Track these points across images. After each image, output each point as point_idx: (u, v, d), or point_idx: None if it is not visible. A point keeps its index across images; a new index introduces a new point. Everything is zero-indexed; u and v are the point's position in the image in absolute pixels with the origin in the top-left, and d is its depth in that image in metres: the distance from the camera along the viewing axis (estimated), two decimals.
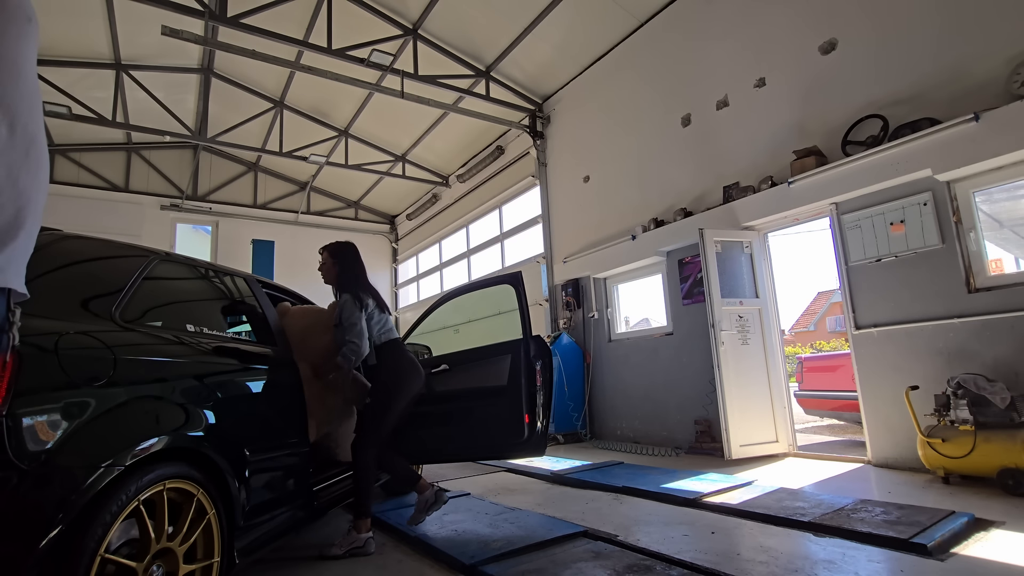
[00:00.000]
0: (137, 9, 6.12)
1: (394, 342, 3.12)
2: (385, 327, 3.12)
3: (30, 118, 0.88)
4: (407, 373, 3.08)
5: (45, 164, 0.92)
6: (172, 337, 2.06)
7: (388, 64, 6.98)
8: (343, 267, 3.16)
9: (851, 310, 4.48)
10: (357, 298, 2.99)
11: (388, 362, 3.06)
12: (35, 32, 0.90)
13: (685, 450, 5.59)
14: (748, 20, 5.46)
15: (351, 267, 3.18)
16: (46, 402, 1.42)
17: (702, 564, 2.37)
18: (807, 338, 31.22)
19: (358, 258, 3.23)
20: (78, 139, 10.14)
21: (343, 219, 13.05)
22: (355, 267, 3.19)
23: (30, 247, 0.90)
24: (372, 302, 3.07)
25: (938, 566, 2.28)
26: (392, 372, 3.04)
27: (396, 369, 3.05)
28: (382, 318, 3.12)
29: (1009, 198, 4.09)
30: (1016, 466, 3.18)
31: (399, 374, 3.05)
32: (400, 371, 3.06)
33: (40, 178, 0.90)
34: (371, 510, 2.88)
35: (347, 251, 3.22)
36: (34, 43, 0.90)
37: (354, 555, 2.73)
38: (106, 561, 1.48)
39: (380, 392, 2.98)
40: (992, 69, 3.80)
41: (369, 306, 3.04)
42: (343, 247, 3.24)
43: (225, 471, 1.96)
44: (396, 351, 3.10)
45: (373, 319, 3.07)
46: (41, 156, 0.90)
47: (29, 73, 0.88)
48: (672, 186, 6.22)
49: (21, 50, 0.86)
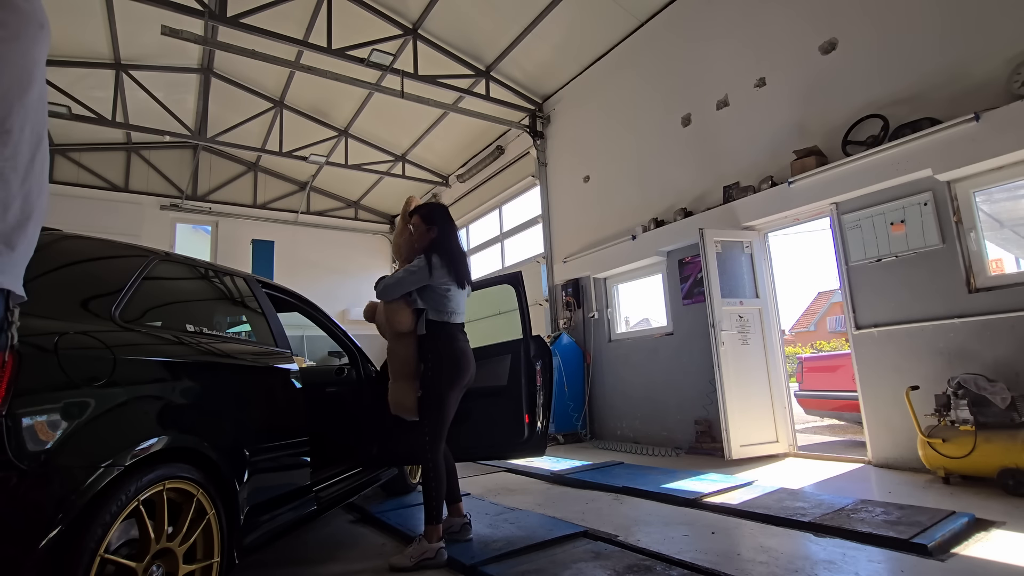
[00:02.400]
0: (137, 9, 6.11)
1: (454, 325, 2.82)
2: (449, 305, 2.79)
3: (37, 123, 0.88)
4: (459, 360, 2.77)
5: (48, 167, 0.94)
6: (172, 337, 2.05)
7: (388, 64, 6.98)
8: (442, 235, 2.85)
9: (851, 310, 4.48)
10: (428, 260, 2.73)
11: (439, 344, 2.76)
12: (47, 38, 0.91)
13: (685, 450, 5.59)
14: (748, 20, 5.46)
15: (448, 234, 2.88)
16: (46, 402, 1.42)
17: (702, 564, 2.37)
18: (807, 338, 31.21)
19: (452, 222, 2.95)
20: (78, 139, 10.13)
21: (343, 219, 13.05)
22: (451, 233, 2.90)
23: (31, 250, 0.91)
24: (445, 270, 2.75)
25: (938, 566, 2.28)
26: (443, 357, 2.75)
27: (448, 354, 2.75)
28: (453, 292, 2.79)
29: (1009, 198, 4.09)
30: (1016, 466, 3.18)
31: (450, 359, 2.75)
32: (451, 356, 2.75)
33: (43, 181, 0.91)
34: (441, 516, 2.67)
35: (444, 216, 2.93)
36: (45, 48, 0.91)
37: (424, 567, 2.51)
38: (106, 561, 1.48)
39: (431, 382, 2.73)
40: (992, 69, 3.79)
41: (437, 271, 2.72)
42: (440, 212, 2.94)
43: (225, 471, 1.96)
44: (451, 334, 2.79)
45: (438, 288, 2.76)
46: (45, 160, 0.92)
47: (39, 78, 0.89)
48: (672, 186, 6.22)
49: (34, 56, 0.87)
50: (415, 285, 2.74)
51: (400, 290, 2.74)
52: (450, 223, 2.92)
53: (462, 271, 2.84)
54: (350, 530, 3.31)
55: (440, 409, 2.71)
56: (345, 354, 3.66)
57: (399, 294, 2.76)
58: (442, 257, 2.76)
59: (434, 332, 2.77)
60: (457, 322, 2.83)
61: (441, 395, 2.70)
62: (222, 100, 9.52)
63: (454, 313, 2.81)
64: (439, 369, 2.72)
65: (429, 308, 2.77)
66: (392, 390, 2.87)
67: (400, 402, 2.84)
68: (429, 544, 2.56)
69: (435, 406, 2.71)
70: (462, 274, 2.83)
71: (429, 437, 2.68)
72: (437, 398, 2.70)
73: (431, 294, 2.77)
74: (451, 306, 2.79)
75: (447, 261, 2.77)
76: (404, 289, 2.74)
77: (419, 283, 2.73)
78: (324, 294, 11.34)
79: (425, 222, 2.87)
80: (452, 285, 2.78)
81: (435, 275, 2.72)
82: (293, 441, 2.57)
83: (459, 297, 2.85)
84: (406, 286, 2.74)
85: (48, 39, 0.92)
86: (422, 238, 2.86)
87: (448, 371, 2.73)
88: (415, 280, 2.73)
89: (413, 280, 2.73)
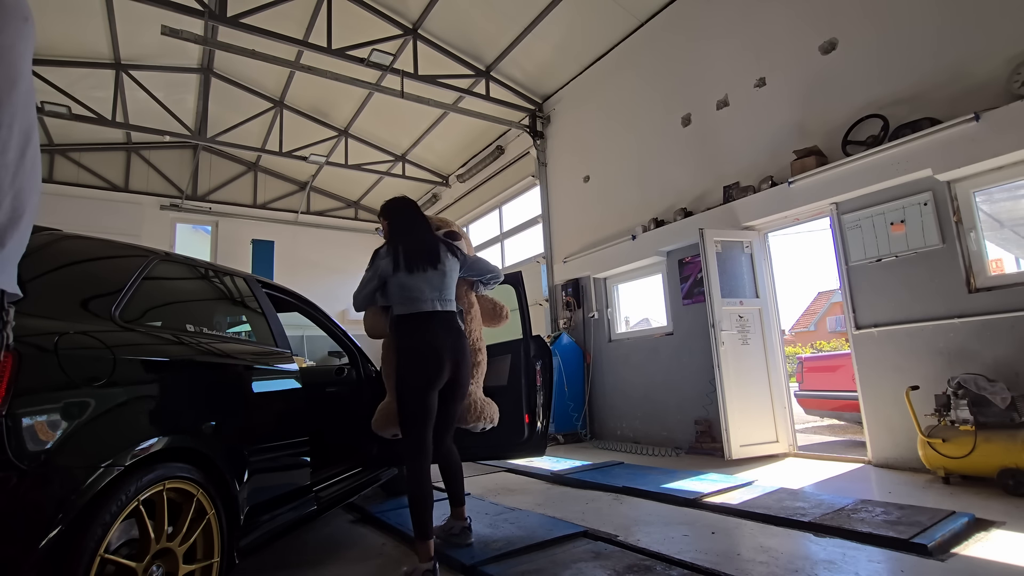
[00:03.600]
0: (137, 9, 6.11)
1: (418, 316, 2.55)
2: (404, 293, 2.57)
3: (26, 118, 0.87)
4: (415, 352, 2.51)
5: (39, 164, 0.92)
6: (172, 337, 2.05)
7: (388, 64, 6.98)
8: (393, 225, 2.79)
9: (851, 310, 4.48)
10: (374, 254, 2.68)
11: (397, 339, 2.59)
12: (31, 32, 0.89)
13: (685, 450, 5.59)
14: (748, 20, 5.46)
15: (396, 224, 2.79)
16: (46, 402, 1.42)
17: (702, 564, 2.37)
18: (807, 338, 31.21)
19: (404, 210, 2.81)
20: (78, 139, 10.14)
21: (343, 219, 13.05)
22: (399, 222, 2.79)
23: (24, 246, 0.90)
24: (390, 258, 2.61)
25: (938, 566, 2.28)
26: (400, 352, 2.55)
27: (404, 348, 2.54)
28: (403, 279, 2.57)
29: (1009, 198, 4.09)
30: (1016, 466, 3.18)
31: (405, 353, 2.53)
32: (407, 349, 2.53)
33: (35, 178, 0.90)
34: (428, 532, 2.38)
35: (392, 208, 2.83)
36: (30, 42, 0.89)
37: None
38: (106, 561, 1.48)
39: (398, 377, 2.55)
40: (992, 69, 3.79)
41: (382, 261, 2.61)
42: (388, 206, 2.84)
43: (225, 471, 1.96)
44: (412, 325, 2.55)
45: (388, 278, 2.61)
46: (36, 156, 0.90)
47: (26, 73, 0.88)
48: (672, 186, 6.22)
49: (19, 50, 0.86)
50: (372, 283, 2.64)
51: (363, 294, 2.68)
52: (400, 211, 2.79)
53: (409, 253, 2.62)
54: (350, 530, 3.31)
55: (403, 412, 2.49)
56: (345, 354, 3.66)
57: (365, 299, 2.69)
58: (388, 245, 2.68)
59: (396, 328, 2.60)
60: (423, 310, 2.56)
61: (402, 397, 2.50)
62: (222, 100, 9.52)
63: (416, 300, 2.56)
64: (398, 367, 2.53)
65: (391, 303, 2.63)
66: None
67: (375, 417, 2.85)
68: (418, 564, 2.35)
69: (400, 409, 2.52)
70: (408, 256, 2.61)
71: (403, 445, 2.51)
72: (399, 401, 2.52)
73: (389, 287, 2.62)
74: (407, 294, 2.56)
75: (392, 247, 2.65)
76: (366, 291, 2.66)
77: (372, 280, 2.64)
78: (324, 294, 11.29)
79: (384, 218, 2.83)
80: (399, 271, 2.58)
81: (380, 265, 2.62)
82: (293, 441, 2.57)
83: (414, 282, 2.57)
84: (365, 287, 2.66)
85: (33, 33, 0.90)
86: (386, 234, 2.82)
87: (404, 367, 2.51)
88: (368, 278, 2.65)
89: (367, 278, 2.65)
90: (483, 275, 2.96)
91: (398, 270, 2.58)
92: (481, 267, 2.95)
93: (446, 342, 2.55)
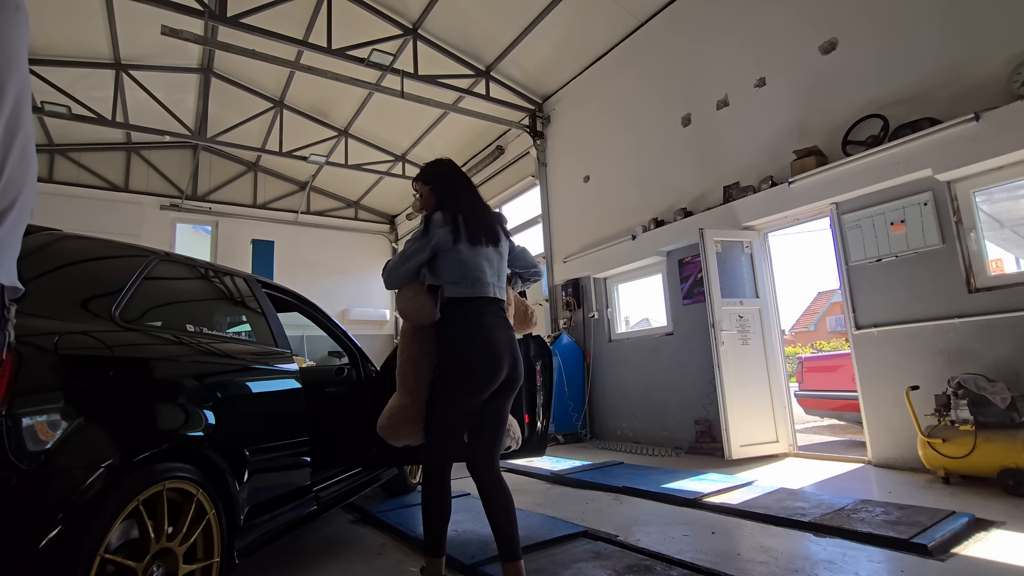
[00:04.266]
0: (137, 9, 6.11)
1: (473, 300, 2.14)
2: (463, 271, 2.14)
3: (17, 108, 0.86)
4: (466, 345, 2.09)
5: (32, 156, 0.90)
6: (172, 337, 2.05)
7: (388, 64, 6.98)
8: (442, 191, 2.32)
9: (851, 310, 4.48)
10: (427, 219, 2.22)
11: (446, 327, 2.14)
12: (24, 21, 0.88)
13: (685, 450, 5.59)
14: (748, 20, 5.46)
15: (447, 189, 2.33)
16: (46, 402, 1.42)
17: (702, 564, 2.37)
18: (807, 338, 31.21)
19: (456, 174, 2.39)
20: (78, 139, 10.13)
21: (343, 219, 13.05)
22: (450, 187, 2.34)
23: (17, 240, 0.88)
24: (448, 227, 2.16)
25: (938, 566, 2.28)
26: (450, 346, 2.11)
27: (453, 339, 2.11)
28: (465, 253, 2.15)
29: (1009, 198, 4.09)
30: (1016, 466, 3.18)
31: (452, 345, 2.10)
32: (455, 341, 2.10)
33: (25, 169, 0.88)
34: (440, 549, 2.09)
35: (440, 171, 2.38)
36: (24, 32, 0.88)
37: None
38: (106, 561, 1.47)
39: (439, 377, 2.13)
40: (992, 69, 3.79)
41: (439, 230, 2.15)
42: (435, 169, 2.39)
43: (225, 471, 1.96)
44: (464, 310, 2.13)
45: (444, 250, 2.16)
46: (28, 147, 0.88)
47: (18, 64, 0.86)
48: (672, 186, 6.22)
49: (11, 39, 0.85)
50: (420, 255, 2.18)
51: (404, 268, 2.20)
52: (452, 175, 2.37)
53: (471, 223, 2.21)
54: (350, 530, 3.31)
55: (437, 419, 2.11)
56: (345, 354, 3.66)
57: (407, 274, 2.21)
58: (444, 212, 2.21)
59: (450, 314, 2.14)
60: (483, 294, 2.15)
61: (440, 400, 2.11)
62: (222, 100, 9.52)
63: (477, 281, 2.15)
64: (443, 362, 2.12)
65: (443, 282, 2.15)
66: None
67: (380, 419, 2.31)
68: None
69: (433, 415, 2.13)
70: (470, 226, 2.20)
71: (424, 449, 2.17)
72: (434, 405, 2.13)
73: (440, 262, 2.17)
74: (467, 272, 2.14)
75: (450, 215, 2.20)
76: (408, 265, 2.20)
77: (422, 251, 2.17)
78: (324, 294, 11.34)
79: (424, 183, 2.35)
80: (459, 243, 2.15)
81: (438, 234, 2.15)
82: (293, 441, 2.57)
83: (476, 259, 2.17)
84: (408, 260, 2.19)
85: (26, 23, 0.89)
86: (428, 204, 2.33)
87: (454, 363, 2.08)
88: (415, 249, 2.18)
89: (413, 249, 2.19)
90: (528, 268, 2.55)
91: (459, 241, 2.15)
92: (528, 258, 2.54)
93: (504, 337, 2.14)
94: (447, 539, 2.10)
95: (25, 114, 0.89)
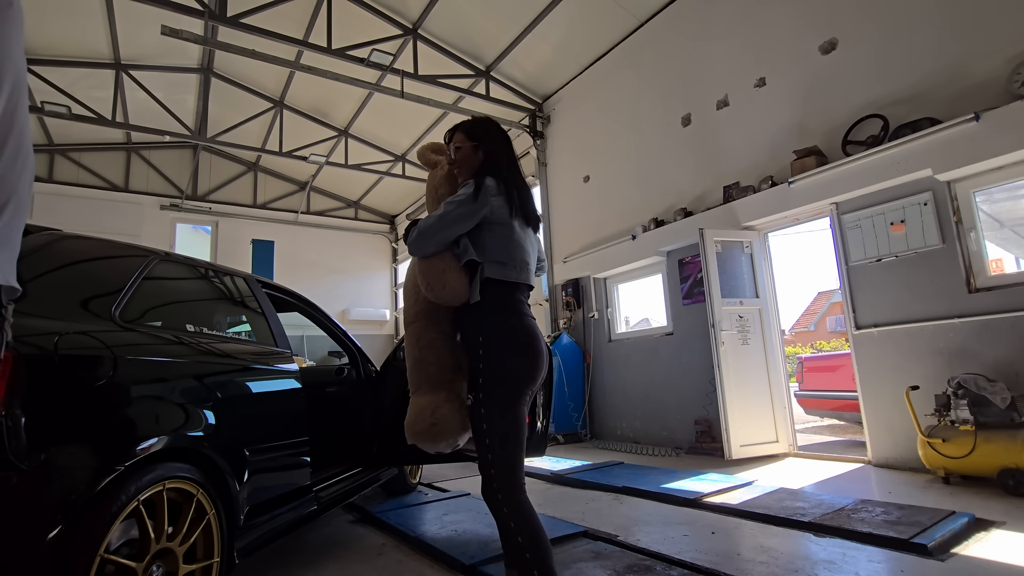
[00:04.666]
0: (137, 9, 6.12)
1: (520, 288, 1.85)
2: (515, 252, 1.83)
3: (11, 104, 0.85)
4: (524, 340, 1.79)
5: (29, 155, 0.89)
6: (172, 337, 2.06)
7: (388, 64, 6.98)
8: (493, 153, 1.95)
9: (851, 310, 4.48)
10: (479, 183, 1.82)
11: (498, 317, 1.79)
12: (17, 17, 0.87)
13: (685, 450, 5.59)
14: (748, 20, 5.46)
15: (498, 153, 1.96)
16: (46, 402, 1.42)
17: (702, 564, 2.37)
18: (807, 338, 31.21)
19: (506, 139, 2.02)
20: (78, 139, 10.13)
21: (343, 219, 13.05)
22: (502, 152, 1.97)
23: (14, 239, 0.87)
24: (504, 198, 1.83)
25: (938, 566, 2.28)
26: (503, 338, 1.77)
27: (515, 330, 1.78)
28: (517, 234, 1.85)
29: (1009, 198, 4.09)
30: (1016, 466, 3.18)
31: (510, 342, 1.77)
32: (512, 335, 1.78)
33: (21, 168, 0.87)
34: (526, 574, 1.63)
35: (490, 130, 2.00)
36: (17, 28, 0.87)
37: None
38: (106, 561, 1.47)
39: (486, 381, 1.74)
40: (992, 69, 3.80)
41: (493, 199, 1.80)
42: (486, 124, 2.01)
43: (225, 471, 1.96)
44: (517, 300, 1.83)
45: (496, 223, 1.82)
46: (23, 146, 0.87)
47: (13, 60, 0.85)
48: (672, 186, 6.22)
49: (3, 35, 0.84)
50: (464, 223, 1.79)
51: (445, 232, 1.78)
52: (504, 139, 2.01)
53: (524, 199, 1.91)
54: (350, 530, 3.31)
55: (499, 418, 1.71)
56: (345, 354, 3.66)
57: (444, 240, 1.80)
58: (497, 180, 1.85)
59: (492, 298, 1.79)
60: (525, 281, 1.87)
61: (499, 396, 1.73)
62: (222, 100, 9.52)
63: (524, 266, 1.86)
64: (495, 352, 1.75)
65: (486, 259, 1.80)
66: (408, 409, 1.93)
67: (411, 424, 1.88)
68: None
69: (496, 418, 1.71)
70: (525, 204, 1.91)
71: (495, 470, 1.69)
72: (499, 405, 1.72)
73: (487, 236, 1.81)
74: (516, 253, 1.84)
75: (504, 184, 1.85)
76: (450, 230, 1.79)
77: (469, 218, 1.79)
78: (324, 294, 11.36)
79: (471, 139, 1.96)
80: (515, 220, 1.85)
81: (493, 203, 1.80)
82: (293, 441, 2.57)
83: (525, 241, 1.89)
84: (452, 224, 1.78)
85: (19, 18, 0.88)
86: (468, 163, 1.95)
87: (511, 353, 1.76)
88: (464, 213, 1.78)
89: (461, 213, 1.78)
90: (542, 260, 2.17)
91: (514, 216, 1.85)
92: (541, 248, 2.16)
93: (540, 332, 1.88)
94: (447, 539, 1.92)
95: (20, 112, 0.87)
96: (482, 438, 1.73)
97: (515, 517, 1.65)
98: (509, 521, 1.65)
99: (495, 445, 1.71)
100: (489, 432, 1.72)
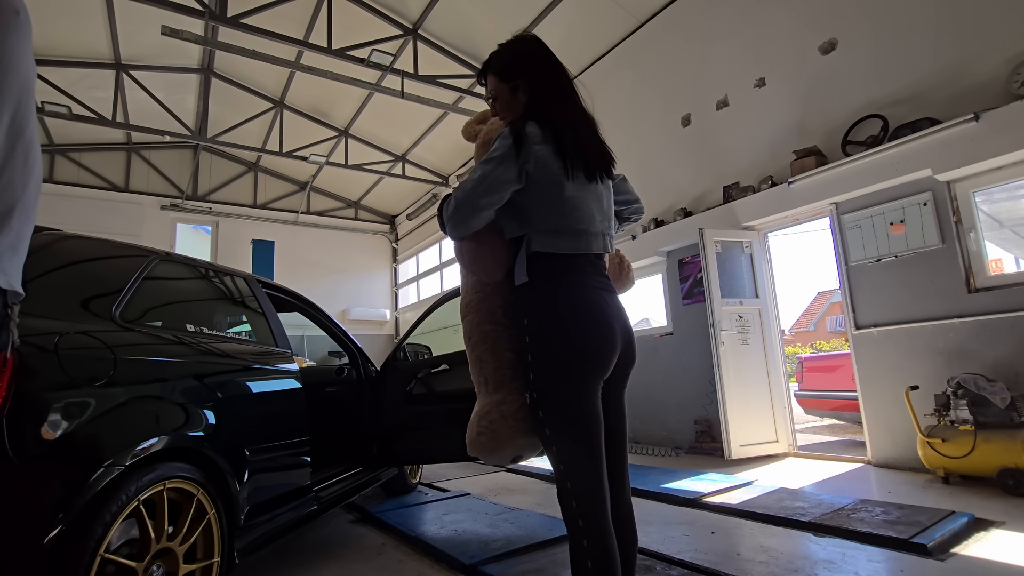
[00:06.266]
0: (137, 9, 6.12)
1: (578, 259, 1.44)
2: (567, 215, 1.42)
3: (19, 111, 0.85)
4: (581, 319, 1.39)
5: (36, 160, 0.90)
6: (172, 337, 2.06)
7: (388, 64, 6.98)
8: (541, 89, 1.50)
9: (851, 310, 4.48)
10: (517, 130, 1.40)
11: (547, 297, 1.41)
12: (24, 25, 0.87)
13: (685, 450, 5.59)
14: (748, 20, 5.46)
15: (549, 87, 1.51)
16: (47, 402, 1.42)
17: (702, 564, 2.37)
18: (807, 338, 31.22)
19: (556, 63, 1.53)
20: (78, 139, 10.14)
21: (343, 219, 13.06)
22: (554, 85, 1.51)
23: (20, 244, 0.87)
24: (551, 146, 1.41)
25: (938, 566, 2.28)
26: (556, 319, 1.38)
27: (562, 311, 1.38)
28: (571, 191, 1.42)
29: (1009, 198, 4.09)
30: (1016, 466, 3.18)
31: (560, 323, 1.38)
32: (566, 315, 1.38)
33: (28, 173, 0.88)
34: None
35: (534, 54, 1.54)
36: (25, 36, 0.88)
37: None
38: (106, 561, 1.47)
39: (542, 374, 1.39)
40: (992, 69, 3.80)
41: (537, 149, 1.38)
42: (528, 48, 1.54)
43: (225, 471, 1.96)
44: (573, 274, 1.42)
45: (542, 181, 1.40)
46: (30, 150, 0.88)
47: (19, 67, 0.86)
48: (672, 186, 6.22)
49: (11, 44, 0.84)
50: (508, 183, 1.38)
51: (487, 199, 1.38)
52: (551, 63, 1.53)
53: (585, 145, 1.47)
54: (350, 530, 3.31)
55: (565, 423, 1.37)
56: (345, 354, 3.66)
57: (488, 207, 1.40)
58: (542, 124, 1.43)
59: (541, 276, 1.42)
60: (592, 250, 1.47)
61: (559, 398, 1.37)
62: (222, 100, 9.53)
63: (584, 233, 1.45)
64: (549, 348, 1.38)
65: (531, 228, 1.44)
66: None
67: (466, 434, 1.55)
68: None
69: (557, 420, 1.37)
70: (586, 151, 1.47)
71: (571, 483, 1.36)
72: (559, 404, 1.37)
73: (530, 199, 1.42)
74: (571, 218, 1.43)
75: (551, 128, 1.43)
76: (493, 196, 1.38)
77: (509, 183, 1.38)
78: (324, 294, 11.35)
79: (505, 80, 1.52)
80: (568, 174, 1.42)
81: (536, 155, 1.39)
82: (293, 441, 2.57)
83: (585, 201, 1.46)
84: (494, 188, 1.38)
85: (27, 26, 0.88)
86: (511, 111, 1.54)
87: (566, 347, 1.37)
88: (504, 171, 1.37)
89: (501, 171, 1.37)
90: (631, 203, 1.79)
91: (569, 168, 1.42)
92: (629, 187, 1.77)
93: (613, 304, 1.49)
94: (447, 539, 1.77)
95: (29, 120, 0.88)
96: (548, 445, 1.40)
97: (590, 537, 1.35)
98: (587, 539, 1.36)
99: (563, 454, 1.37)
100: (553, 438, 1.38)
